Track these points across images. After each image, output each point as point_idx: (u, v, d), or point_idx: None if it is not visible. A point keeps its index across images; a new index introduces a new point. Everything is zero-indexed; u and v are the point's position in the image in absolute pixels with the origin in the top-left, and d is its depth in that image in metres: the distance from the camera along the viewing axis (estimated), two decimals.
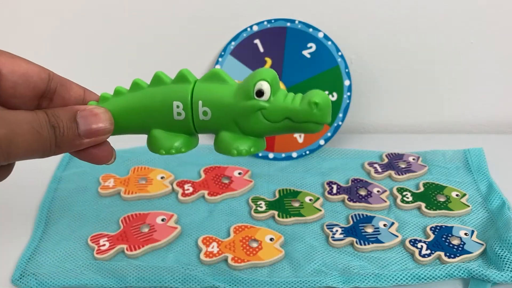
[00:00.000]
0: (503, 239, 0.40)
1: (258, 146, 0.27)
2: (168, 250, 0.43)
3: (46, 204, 0.48)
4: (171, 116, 0.27)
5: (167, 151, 0.28)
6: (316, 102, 0.24)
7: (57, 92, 0.28)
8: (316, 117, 0.25)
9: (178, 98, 0.27)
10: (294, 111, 0.25)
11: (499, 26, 0.55)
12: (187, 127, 0.27)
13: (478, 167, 0.52)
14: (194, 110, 0.26)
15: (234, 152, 0.26)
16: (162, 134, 0.28)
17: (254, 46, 0.54)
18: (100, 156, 0.28)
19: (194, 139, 0.29)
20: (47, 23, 0.55)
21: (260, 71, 0.26)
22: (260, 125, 0.26)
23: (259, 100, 0.25)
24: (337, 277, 0.39)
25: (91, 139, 0.27)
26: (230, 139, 0.27)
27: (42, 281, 0.39)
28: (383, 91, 0.60)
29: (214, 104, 0.26)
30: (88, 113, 0.26)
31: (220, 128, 0.27)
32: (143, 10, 0.54)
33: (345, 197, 0.48)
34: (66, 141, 0.26)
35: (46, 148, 0.25)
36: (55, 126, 0.25)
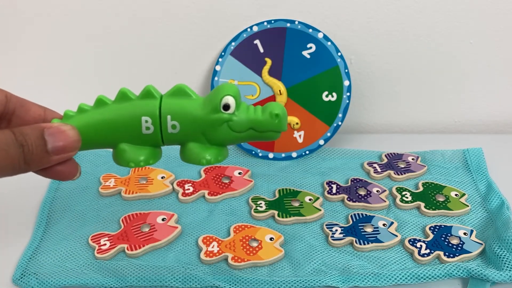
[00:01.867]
0: (502, 239, 0.40)
1: (223, 154, 0.29)
2: (168, 250, 0.43)
3: (47, 204, 0.48)
4: (140, 131, 0.28)
5: (136, 164, 0.29)
6: (277, 114, 0.28)
7: (15, 113, 0.28)
8: (276, 126, 0.28)
9: (146, 113, 0.28)
10: (258, 122, 0.28)
11: (499, 26, 0.55)
12: (155, 140, 0.29)
13: (477, 167, 0.52)
14: (163, 124, 0.28)
15: (203, 162, 0.29)
16: (129, 148, 0.29)
17: (254, 46, 0.54)
18: (65, 172, 0.28)
19: (159, 151, 0.30)
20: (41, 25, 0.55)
21: (225, 87, 0.28)
22: (226, 135, 0.28)
23: (226, 113, 0.28)
24: (336, 277, 0.39)
25: (59, 155, 0.27)
26: (198, 149, 0.29)
27: (43, 281, 0.39)
28: (383, 91, 0.60)
29: (183, 118, 0.28)
30: (56, 130, 0.26)
31: (188, 140, 0.29)
32: (143, 11, 0.54)
33: (344, 196, 0.48)
34: (35, 158, 0.25)
35: (14, 166, 0.25)
36: (23, 145, 0.25)
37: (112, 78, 0.58)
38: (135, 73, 0.58)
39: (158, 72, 0.58)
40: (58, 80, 0.58)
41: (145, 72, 0.58)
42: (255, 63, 0.54)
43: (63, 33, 0.55)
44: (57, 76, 0.58)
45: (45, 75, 0.58)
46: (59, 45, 0.56)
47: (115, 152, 0.29)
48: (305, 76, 0.53)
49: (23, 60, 0.57)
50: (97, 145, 0.29)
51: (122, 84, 0.62)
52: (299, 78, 0.54)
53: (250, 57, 0.54)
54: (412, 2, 0.54)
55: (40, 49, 0.56)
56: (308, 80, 0.53)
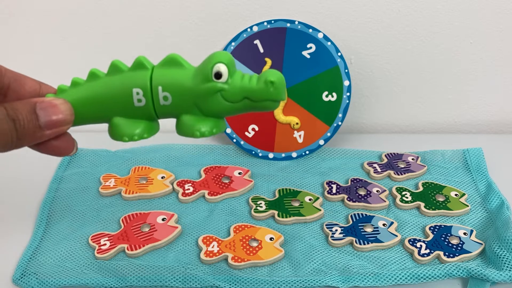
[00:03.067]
0: (502, 239, 0.40)
1: (219, 126, 0.28)
2: (168, 250, 0.43)
3: (47, 204, 0.48)
4: (132, 103, 0.27)
5: (130, 138, 0.28)
6: (272, 81, 0.26)
7: (11, 87, 0.28)
8: (272, 95, 0.26)
9: (137, 85, 0.27)
10: (252, 91, 0.26)
11: (499, 26, 0.55)
12: (148, 113, 0.28)
13: (477, 167, 0.52)
14: (154, 96, 0.27)
15: (197, 134, 0.27)
16: (123, 122, 0.28)
17: (254, 46, 0.54)
18: (61, 147, 0.27)
19: (155, 125, 0.29)
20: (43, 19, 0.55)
21: (217, 54, 0.27)
22: (220, 106, 0.27)
23: (218, 82, 0.26)
24: (336, 277, 0.39)
25: (52, 130, 0.26)
26: (191, 121, 0.27)
27: (43, 281, 0.39)
28: (383, 91, 0.60)
29: (174, 89, 0.27)
30: (47, 104, 0.26)
31: (181, 112, 0.27)
32: (143, 11, 0.54)
33: (344, 196, 0.48)
34: (27, 133, 0.25)
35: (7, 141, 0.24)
36: (14, 119, 0.25)
37: None
38: None
39: None
40: (56, 80, 0.58)
41: None
42: (255, 63, 0.54)
43: (63, 33, 0.55)
44: (55, 77, 0.58)
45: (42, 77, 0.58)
46: (56, 49, 0.56)
47: (109, 127, 0.29)
48: (305, 76, 0.53)
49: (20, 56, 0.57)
50: (91, 119, 0.28)
51: None
52: (299, 78, 0.54)
53: (250, 57, 0.54)
54: (412, 2, 0.54)
55: (38, 49, 0.56)
56: (308, 80, 0.53)
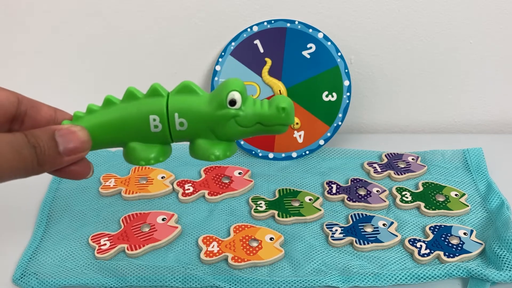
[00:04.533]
0: (502, 239, 0.40)
1: (231, 149, 0.29)
2: (168, 250, 0.43)
3: (47, 204, 0.48)
4: (148, 129, 0.28)
5: (147, 162, 0.29)
6: (284, 107, 0.28)
7: (27, 114, 0.29)
8: (283, 120, 0.28)
9: (154, 111, 0.28)
10: (265, 116, 0.28)
11: (498, 26, 0.55)
12: (164, 137, 0.29)
13: (477, 167, 0.52)
14: (170, 122, 0.28)
15: (212, 158, 0.29)
16: (139, 146, 0.29)
17: (254, 46, 0.54)
18: (79, 171, 0.28)
19: (169, 148, 0.30)
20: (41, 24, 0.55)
21: (230, 82, 0.28)
22: (234, 131, 0.28)
23: (232, 108, 0.28)
24: (336, 277, 0.39)
25: (71, 156, 0.27)
26: (206, 145, 0.29)
27: (43, 281, 0.39)
28: (383, 91, 0.60)
29: (190, 115, 0.28)
30: (66, 131, 0.27)
31: (196, 136, 0.29)
32: (143, 11, 0.54)
33: (344, 196, 0.48)
34: (48, 159, 0.26)
35: (27, 167, 0.25)
36: (35, 146, 0.25)
37: (111, 79, 0.58)
38: (135, 73, 0.58)
39: (158, 72, 0.58)
40: (56, 80, 0.58)
41: (145, 72, 0.58)
42: (255, 63, 0.54)
43: (63, 32, 0.55)
44: (55, 76, 0.58)
45: (43, 77, 0.58)
46: (57, 44, 0.56)
47: (125, 151, 0.30)
48: (305, 76, 0.53)
49: (17, 63, 0.57)
50: (107, 145, 0.29)
51: (122, 84, 0.62)
52: (299, 78, 0.54)
53: (250, 57, 0.54)
54: (412, 2, 0.54)
55: (37, 50, 0.56)
56: (308, 80, 0.53)
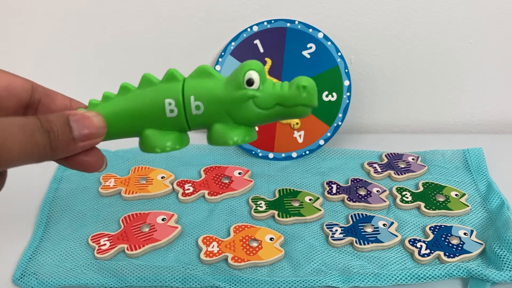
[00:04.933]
0: (502, 239, 0.40)
1: (251, 135, 0.28)
2: (168, 250, 0.43)
3: (47, 204, 0.48)
4: (164, 114, 0.27)
5: (162, 149, 0.28)
6: (305, 86, 0.26)
7: (41, 102, 0.28)
8: (305, 100, 0.26)
9: (169, 95, 0.27)
10: (284, 97, 0.26)
11: (498, 26, 0.55)
12: (180, 123, 0.28)
13: (478, 167, 0.52)
14: (186, 106, 0.27)
15: (230, 142, 0.27)
16: (155, 133, 0.28)
17: (254, 46, 0.54)
18: (91, 163, 0.28)
19: (185, 137, 0.29)
20: (40, 25, 0.55)
21: (248, 62, 0.27)
22: (252, 113, 0.27)
23: (250, 89, 0.26)
24: (336, 277, 0.39)
25: (85, 142, 0.26)
26: (224, 129, 0.27)
27: (43, 281, 0.39)
28: (383, 91, 0.60)
29: (206, 98, 0.27)
30: (81, 117, 0.26)
31: (213, 121, 0.28)
32: (143, 11, 0.54)
33: (344, 197, 0.48)
34: (61, 145, 0.25)
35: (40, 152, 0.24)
36: (49, 131, 0.25)
37: (111, 79, 0.58)
38: (135, 73, 0.58)
39: (158, 72, 0.57)
40: (56, 80, 0.58)
41: (145, 72, 0.58)
42: None
43: (62, 32, 0.55)
44: (55, 76, 0.58)
45: (43, 77, 0.58)
46: (56, 45, 0.56)
47: (141, 139, 0.29)
48: (305, 76, 0.53)
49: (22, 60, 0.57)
50: (122, 133, 0.29)
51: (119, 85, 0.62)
52: None
53: (250, 57, 0.54)
54: (412, 2, 0.54)
55: (37, 51, 0.56)
56: None
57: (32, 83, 0.28)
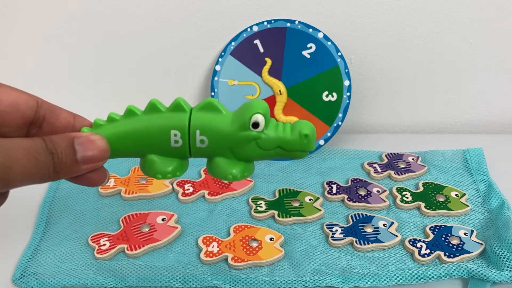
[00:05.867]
0: (502, 239, 0.40)
1: (249, 170, 0.30)
2: (168, 250, 0.43)
3: (46, 204, 0.48)
4: (168, 144, 0.28)
5: (164, 176, 0.29)
6: (306, 134, 0.28)
7: (46, 119, 0.28)
8: (305, 146, 0.28)
9: (175, 127, 0.28)
10: (286, 141, 0.28)
11: (498, 26, 0.55)
12: (183, 153, 0.29)
13: (478, 167, 0.52)
14: (191, 139, 0.28)
15: (229, 177, 0.29)
16: (157, 159, 0.29)
17: (254, 46, 0.54)
18: (94, 179, 0.28)
19: (186, 163, 0.30)
20: (43, 26, 0.55)
21: (255, 104, 0.28)
22: (254, 152, 0.28)
23: (254, 131, 0.28)
24: (336, 277, 0.39)
25: (88, 165, 0.27)
26: (224, 164, 0.29)
27: (43, 281, 0.39)
28: (383, 91, 0.60)
29: (211, 134, 0.28)
30: (85, 140, 0.27)
31: (215, 154, 0.29)
32: (143, 11, 0.54)
33: (344, 197, 0.48)
34: (65, 167, 0.26)
35: (44, 174, 0.25)
36: (53, 153, 0.25)
37: (112, 79, 0.58)
38: (135, 73, 0.58)
39: (158, 72, 0.58)
40: (56, 80, 0.58)
41: (145, 72, 0.58)
42: (255, 63, 0.54)
43: (62, 33, 0.55)
44: (55, 76, 0.58)
45: (43, 77, 0.58)
46: (56, 45, 0.56)
47: (143, 162, 0.30)
48: (305, 76, 0.53)
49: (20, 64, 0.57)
50: (125, 155, 0.29)
51: (122, 84, 0.62)
52: (299, 78, 0.53)
53: (250, 57, 0.54)
54: (412, 2, 0.54)
55: (37, 51, 0.56)
56: (308, 80, 0.53)
57: (38, 99, 0.28)
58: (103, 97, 0.59)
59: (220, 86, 0.54)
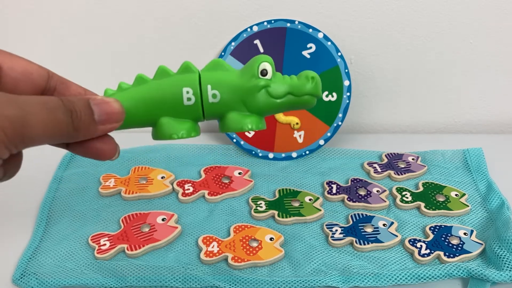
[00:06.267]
0: (502, 239, 0.40)
1: (263, 123, 0.30)
2: (168, 250, 0.43)
3: (47, 204, 0.48)
4: (181, 102, 0.29)
5: (178, 135, 0.29)
6: (312, 76, 0.29)
7: (57, 90, 0.28)
8: (312, 89, 0.29)
9: (187, 84, 0.29)
10: (295, 85, 0.29)
11: (498, 26, 0.55)
12: (196, 112, 0.29)
13: (477, 167, 0.52)
14: (203, 94, 0.29)
15: (245, 128, 0.29)
16: (170, 120, 0.29)
17: (254, 46, 0.54)
18: (105, 150, 0.28)
19: (198, 127, 0.30)
20: (43, 25, 0.55)
21: (261, 56, 0.29)
22: (266, 102, 0.29)
23: (264, 78, 0.29)
24: (336, 277, 0.39)
25: (105, 125, 0.27)
26: (239, 117, 0.29)
27: (43, 281, 0.39)
28: (383, 91, 0.60)
29: (222, 86, 0.29)
30: (101, 101, 0.27)
31: (228, 110, 0.29)
32: (143, 11, 0.54)
33: (344, 197, 0.48)
34: (83, 125, 0.25)
35: (63, 130, 0.24)
36: (71, 110, 0.25)
37: (111, 79, 0.58)
38: (135, 73, 0.58)
39: None
40: None
41: (145, 72, 0.58)
42: None
43: (62, 33, 0.55)
44: None
45: None
46: (56, 45, 0.56)
47: (156, 127, 0.29)
48: None
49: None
50: (138, 122, 0.29)
51: None
52: None
53: (250, 57, 0.53)
54: (412, 2, 0.54)
55: (37, 52, 0.56)
56: None
57: (48, 71, 0.28)
58: None
59: None
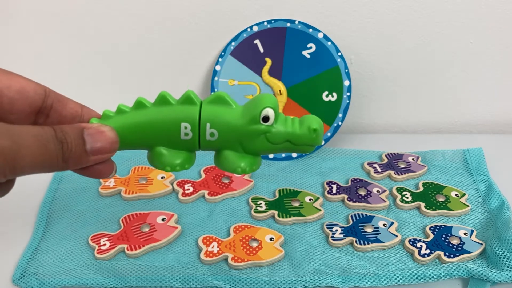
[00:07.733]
0: (502, 239, 0.40)
1: (257, 163, 0.30)
2: (168, 250, 0.43)
3: (46, 204, 0.48)
4: (178, 136, 0.28)
5: (173, 168, 0.29)
6: (315, 129, 0.28)
7: (53, 108, 0.28)
8: (313, 140, 0.29)
9: (186, 119, 0.28)
10: (295, 135, 0.28)
11: (498, 26, 0.55)
12: (192, 145, 0.29)
13: (478, 167, 0.52)
14: (201, 131, 0.28)
15: (238, 170, 0.29)
16: (166, 152, 0.29)
17: (254, 46, 0.54)
18: (102, 170, 0.28)
19: (194, 156, 0.30)
20: (43, 27, 0.55)
21: (265, 98, 0.28)
22: (263, 146, 0.29)
23: (264, 125, 0.28)
24: (336, 277, 0.39)
25: (97, 156, 0.27)
26: (233, 157, 0.29)
27: (43, 281, 0.39)
28: (383, 91, 0.60)
29: (221, 126, 0.28)
30: (95, 131, 0.27)
31: (224, 147, 0.29)
32: (143, 10, 0.54)
33: (344, 197, 0.48)
34: (74, 157, 0.25)
35: (53, 162, 0.25)
36: (62, 142, 0.25)
37: (111, 79, 0.58)
38: (135, 73, 0.58)
39: (158, 72, 0.58)
40: (57, 80, 0.58)
41: (145, 72, 0.58)
42: (255, 63, 0.54)
43: (62, 34, 0.55)
44: (55, 76, 0.58)
45: (43, 78, 0.58)
46: (56, 46, 0.56)
47: (151, 155, 0.29)
48: (305, 76, 0.53)
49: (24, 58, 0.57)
50: (133, 147, 0.29)
51: (122, 84, 0.62)
52: (299, 78, 0.53)
53: (250, 57, 0.54)
54: (412, 2, 0.54)
55: (37, 53, 0.56)
56: (308, 80, 0.53)
57: (45, 88, 0.28)
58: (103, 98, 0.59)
59: (220, 86, 0.54)
